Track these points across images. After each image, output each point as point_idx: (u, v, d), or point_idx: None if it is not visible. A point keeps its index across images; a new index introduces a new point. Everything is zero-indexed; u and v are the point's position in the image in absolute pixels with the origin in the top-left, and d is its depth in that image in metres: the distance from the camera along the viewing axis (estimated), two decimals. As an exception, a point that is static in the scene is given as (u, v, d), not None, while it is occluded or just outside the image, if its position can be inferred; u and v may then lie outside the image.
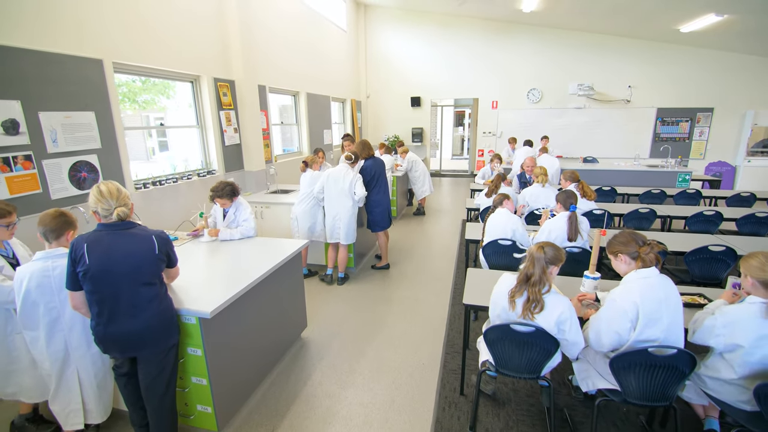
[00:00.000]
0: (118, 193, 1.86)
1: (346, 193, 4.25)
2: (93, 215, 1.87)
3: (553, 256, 1.99)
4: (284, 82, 6.38)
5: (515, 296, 2.00)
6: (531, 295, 1.95)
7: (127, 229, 1.87)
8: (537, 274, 1.95)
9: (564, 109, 9.38)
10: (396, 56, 10.04)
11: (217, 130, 4.70)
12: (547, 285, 1.95)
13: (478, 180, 6.93)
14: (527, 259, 2.02)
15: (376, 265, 4.91)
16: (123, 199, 1.88)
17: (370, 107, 10.45)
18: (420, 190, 7.45)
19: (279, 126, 7.15)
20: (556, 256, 2.00)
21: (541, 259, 1.96)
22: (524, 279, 1.99)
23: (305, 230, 4.41)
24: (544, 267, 1.95)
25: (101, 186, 1.86)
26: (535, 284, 1.95)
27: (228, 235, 3.21)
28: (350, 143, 5.57)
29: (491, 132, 9.84)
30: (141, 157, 7.58)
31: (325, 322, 3.64)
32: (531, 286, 1.96)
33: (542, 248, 2.00)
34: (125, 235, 1.86)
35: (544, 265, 1.96)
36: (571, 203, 3.17)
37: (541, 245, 2.01)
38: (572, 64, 9.14)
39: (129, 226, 1.88)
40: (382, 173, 4.67)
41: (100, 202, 1.83)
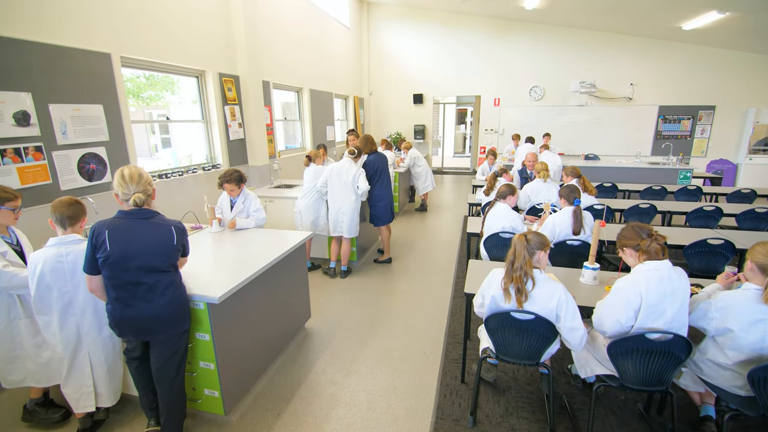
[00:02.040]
0: (139, 179, 1.91)
1: (350, 187, 4.30)
2: (115, 198, 1.92)
3: (537, 241, 2.04)
4: (288, 78, 6.42)
5: (507, 286, 2.04)
6: (515, 282, 2.00)
7: (148, 218, 1.92)
8: (519, 261, 2.00)
9: (566, 106, 9.40)
10: (398, 53, 10.07)
11: (221, 124, 4.75)
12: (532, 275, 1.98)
13: (479, 176, 6.98)
14: (511, 247, 2.06)
15: (378, 259, 4.96)
16: (143, 185, 1.92)
17: (373, 104, 10.50)
18: (422, 186, 7.50)
19: (282, 122, 7.21)
20: (540, 242, 2.04)
21: (524, 245, 2.01)
22: (509, 266, 2.04)
23: (308, 224, 4.46)
24: (526, 255, 1.99)
25: (124, 170, 1.91)
26: (517, 270, 2.00)
27: (244, 224, 3.28)
28: (355, 138, 5.62)
29: (493, 129, 9.88)
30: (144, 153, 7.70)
31: (328, 313, 3.70)
32: (514, 272, 2.01)
33: (524, 236, 2.04)
34: (146, 224, 1.91)
35: (526, 253, 2.00)
36: (575, 197, 3.21)
37: (523, 234, 2.06)
38: (574, 62, 9.16)
39: (149, 215, 1.93)
40: (385, 168, 4.72)
41: (120, 185, 1.88)
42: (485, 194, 4.86)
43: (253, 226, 3.33)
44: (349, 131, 5.73)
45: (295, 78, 6.67)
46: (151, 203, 1.99)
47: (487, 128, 9.90)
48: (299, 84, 6.86)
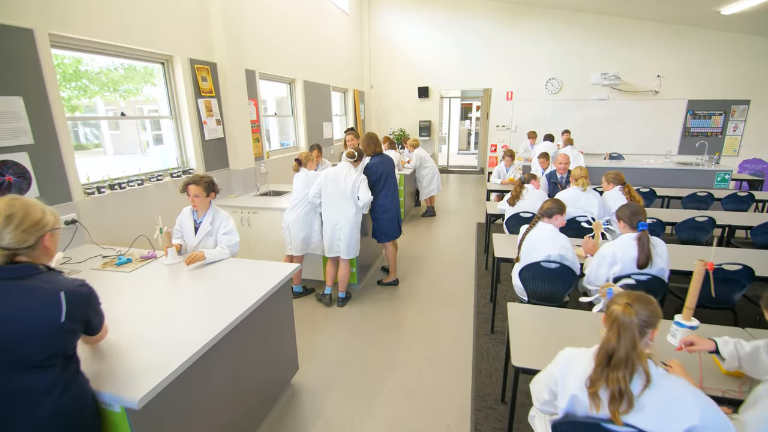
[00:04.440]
0: (12, 219, 1.16)
1: (348, 198, 3.53)
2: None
3: (649, 312, 1.27)
4: (277, 67, 5.62)
5: (597, 387, 1.27)
6: (611, 384, 1.24)
7: (20, 279, 1.17)
8: (624, 349, 1.23)
9: (585, 100, 8.59)
10: (402, 42, 9.24)
11: (194, 121, 3.96)
12: (646, 368, 1.22)
13: (494, 179, 6.21)
14: (608, 326, 1.30)
15: (382, 281, 4.20)
16: (25, 225, 1.18)
17: (374, 98, 9.67)
18: (426, 189, 6.72)
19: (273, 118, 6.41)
20: (653, 314, 1.28)
21: (632, 324, 1.24)
22: (606, 359, 1.27)
23: (299, 242, 3.69)
24: (635, 338, 1.23)
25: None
26: (619, 366, 1.23)
27: (215, 255, 2.50)
28: (354, 138, 4.84)
29: (505, 125, 9.07)
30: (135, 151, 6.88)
31: (321, 360, 2.94)
32: (612, 370, 1.24)
33: (629, 306, 1.27)
34: (13, 289, 1.15)
35: (636, 334, 1.24)
36: (639, 220, 2.44)
37: (626, 301, 1.29)
38: (595, 52, 8.34)
39: (22, 273, 1.18)
40: (391, 173, 3.94)
41: None
42: (510, 204, 4.09)
43: (226, 256, 2.56)
44: (347, 130, 4.94)
45: (286, 68, 5.87)
46: (43, 254, 1.24)
47: (498, 124, 9.09)
48: (291, 75, 6.06)
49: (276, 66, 5.56)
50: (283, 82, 6.07)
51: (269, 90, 6.19)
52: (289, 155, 6.03)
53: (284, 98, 6.36)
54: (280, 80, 5.90)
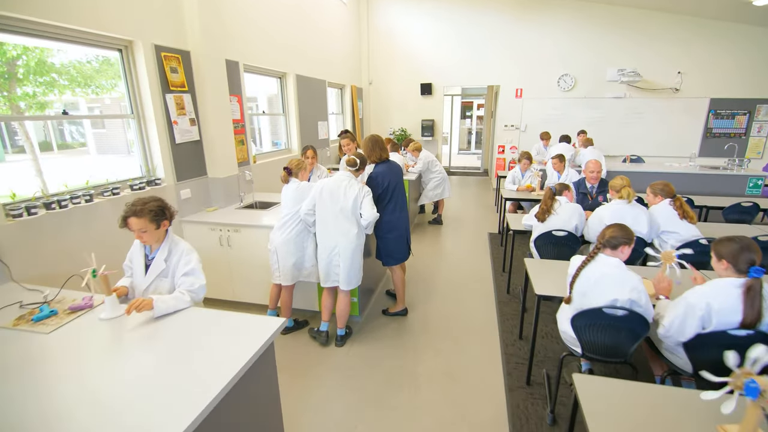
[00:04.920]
0: None
1: (349, 216, 2.88)
2: None
3: None
4: (266, 59, 4.94)
5: None
6: None
7: None
8: None
9: (600, 98, 8.00)
10: (404, 36, 8.57)
11: (162, 121, 3.28)
12: None
13: (509, 185, 5.58)
14: None
15: (388, 310, 3.56)
16: None
17: (373, 95, 9.01)
18: (429, 193, 6.08)
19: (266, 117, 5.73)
20: None
21: None
22: None
23: (288, 268, 3.04)
24: None
25: None
26: None
27: (169, 305, 1.83)
28: (350, 142, 4.19)
29: (514, 125, 8.45)
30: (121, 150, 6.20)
31: (315, 428, 2.29)
32: None
33: None
34: None
35: None
36: (752, 262, 1.79)
37: None
38: (611, 47, 7.74)
39: None
40: (399, 183, 3.31)
41: None
42: (539, 219, 3.46)
43: (185, 305, 1.90)
44: (342, 133, 4.28)
45: (276, 60, 5.19)
46: None
47: (506, 124, 8.47)
48: (282, 68, 5.38)
49: (264, 58, 4.88)
50: (272, 77, 5.39)
51: (258, 86, 5.51)
52: (280, 159, 5.35)
53: (277, 95, 5.68)
54: (269, 74, 5.22)
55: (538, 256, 3.45)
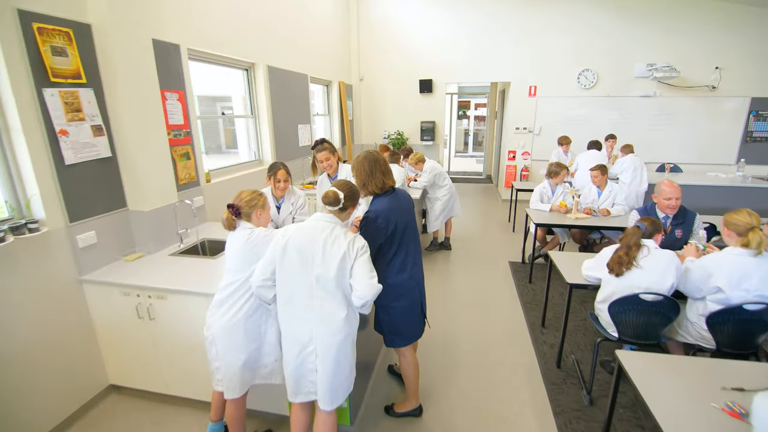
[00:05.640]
0: None
1: (332, 289, 1.75)
2: None
3: None
4: (224, 43, 3.75)
5: None
6: None
7: None
8: None
9: (626, 97, 6.96)
10: (400, 25, 7.42)
11: (38, 129, 2.09)
12: None
13: (535, 204, 4.49)
14: None
15: (394, 409, 2.41)
16: None
17: (365, 93, 7.84)
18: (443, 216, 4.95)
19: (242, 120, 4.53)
20: None
21: None
22: None
23: (235, 372, 1.89)
24: None
25: None
26: None
27: None
28: (330, 156, 3.06)
29: (526, 128, 7.37)
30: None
31: None
32: None
33: None
34: None
35: None
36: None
37: None
38: (640, 38, 6.71)
39: None
40: (411, 223, 2.18)
41: None
42: (613, 272, 2.34)
43: None
44: (317, 144, 3.07)
45: (241, 46, 4.01)
46: None
47: (518, 126, 7.38)
48: (248, 56, 4.19)
49: (222, 42, 3.69)
50: (235, 67, 4.19)
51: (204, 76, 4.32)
52: (247, 175, 4.17)
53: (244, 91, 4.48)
54: (230, 64, 4.02)
55: (612, 326, 2.35)
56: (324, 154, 3.02)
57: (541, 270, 4.48)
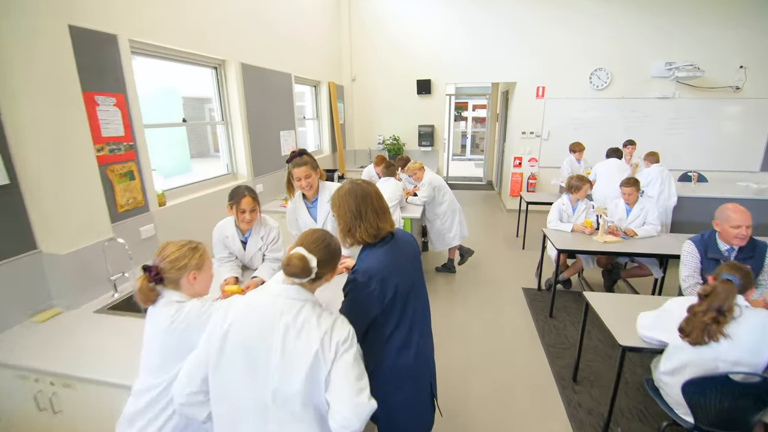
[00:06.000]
0: None
1: (295, 409, 1.08)
2: None
3: None
4: (182, 35, 3.09)
5: None
6: None
7: None
8: None
9: (642, 99, 6.39)
10: (396, 21, 6.79)
11: None
12: None
13: (554, 222, 3.90)
14: None
15: None
16: None
17: (358, 95, 7.20)
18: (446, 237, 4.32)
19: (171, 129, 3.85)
20: None
21: None
22: None
23: None
24: None
25: None
26: None
27: None
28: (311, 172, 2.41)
29: (533, 132, 6.77)
30: None
31: None
32: None
33: None
34: None
35: None
36: None
37: None
38: (658, 34, 6.14)
39: None
40: (417, 282, 1.55)
41: None
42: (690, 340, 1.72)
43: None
44: (294, 156, 2.39)
45: (206, 40, 3.35)
46: None
47: (524, 131, 6.78)
48: (218, 52, 3.54)
49: (180, 33, 3.03)
50: (200, 65, 3.53)
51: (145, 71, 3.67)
52: (219, 193, 3.52)
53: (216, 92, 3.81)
54: (190, 60, 3.36)
55: (684, 407, 1.75)
56: (303, 170, 2.37)
57: (562, 299, 3.87)
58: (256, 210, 2.26)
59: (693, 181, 5.26)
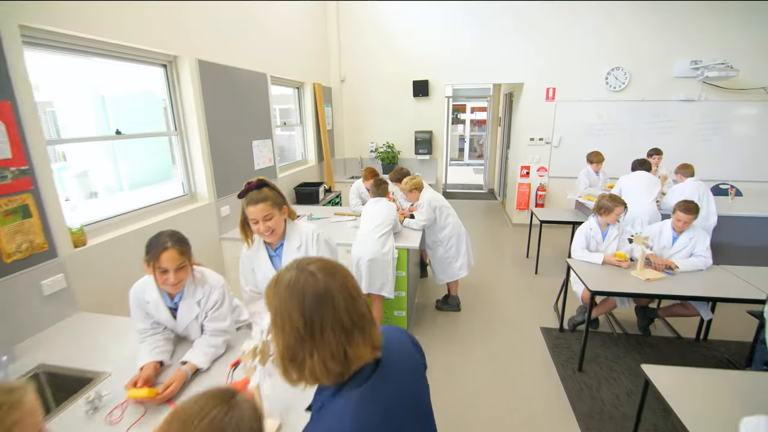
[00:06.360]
0: None
1: None
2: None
3: None
4: (108, 21, 2.39)
5: None
6: None
7: None
8: None
9: (664, 102, 5.75)
10: (390, 15, 6.12)
11: None
12: None
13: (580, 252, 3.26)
14: None
15: None
16: None
17: (347, 98, 6.51)
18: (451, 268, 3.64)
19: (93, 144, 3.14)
20: None
21: None
22: None
23: None
24: None
25: None
26: None
27: None
28: (271, 210, 1.71)
29: (543, 138, 6.12)
30: None
31: None
32: None
33: None
34: None
35: None
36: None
37: None
38: (681, 30, 5.50)
39: None
40: (424, 413, 0.84)
41: None
42: None
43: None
44: (248, 190, 1.73)
45: (146, 30, 2.66)
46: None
47: (533, 137, 6.12)
48: (165, 47, 2.84)
49: (103, 18, 2.32)
50: (141, 62, 2.82)
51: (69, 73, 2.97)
52: (170, 220, 2.82)
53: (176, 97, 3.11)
54: (124, 55, 2.65)
55: None
56: (261, 209, 1.70)
57: (591, 344, 3.20)
58: (186, 267, 1.58)
59: (730, 197, 4.61)
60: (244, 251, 1.93)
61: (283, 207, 1.80)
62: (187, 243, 1.60)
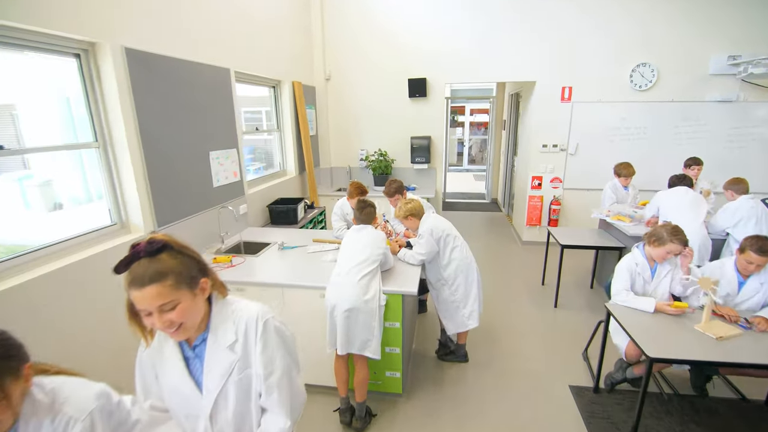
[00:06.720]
0: None
1: None
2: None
3: None
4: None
5: None
6: None
7: None
8: None
9: (697, 102, 5.04)
10: (381, 3, 5.38)
11: None
12: None
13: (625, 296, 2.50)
14: None
15: None
16: None
17: (333, 98, 5.77)
18: (458, 315, 2.90)
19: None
20: None
21: None
22: None
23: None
24: None
25: None
26: None
27: None
28: (176, 296, 0.93)
29: (557, 145, 5.39)
30: None
31: None
32: None
33: None
34: None
35: None
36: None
37: None
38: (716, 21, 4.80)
39: None
40: None
41: None
42: None
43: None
44: (133, 259, 1.00)
45: (45, 5, 1.91)
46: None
47: (546, 143, 5.40)
48: (76, 31, 2.09)
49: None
50: (41, 50, 2.08)
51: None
52: (90, 260, 2.08)
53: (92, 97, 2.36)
54: (12, 42, 1.91)
55: None
56: (150, 292, 0.98)
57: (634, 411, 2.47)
58: (10, 395, 0.84)
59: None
60: (141, 349, 1.19)
61: (200, 281, 1.06)
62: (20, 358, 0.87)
